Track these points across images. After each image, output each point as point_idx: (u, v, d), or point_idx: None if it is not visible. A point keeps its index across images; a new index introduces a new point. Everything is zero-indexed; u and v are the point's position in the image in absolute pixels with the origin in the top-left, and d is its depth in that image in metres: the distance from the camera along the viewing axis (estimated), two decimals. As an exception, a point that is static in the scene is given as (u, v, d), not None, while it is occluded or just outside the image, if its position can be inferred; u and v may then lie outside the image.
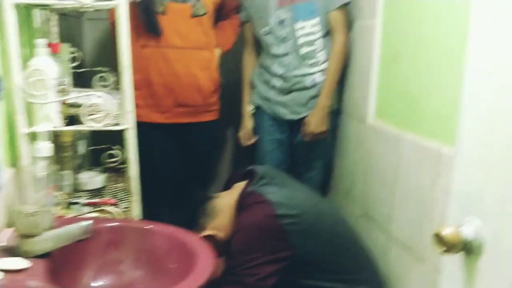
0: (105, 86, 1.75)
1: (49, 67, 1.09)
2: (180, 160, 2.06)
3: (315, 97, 2.00)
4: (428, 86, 1.43)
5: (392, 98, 1.70)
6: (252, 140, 2.15)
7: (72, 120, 1.30)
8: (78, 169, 1.65)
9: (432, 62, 1.42)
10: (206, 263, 0.94)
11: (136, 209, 1.20)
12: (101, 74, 1.73)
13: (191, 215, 1.64)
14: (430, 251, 1.39)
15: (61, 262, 0.98)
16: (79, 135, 1.69)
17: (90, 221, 0.92)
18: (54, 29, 1.66)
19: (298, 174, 2.08)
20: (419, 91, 1.49)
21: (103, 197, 1.48)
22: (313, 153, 2.09)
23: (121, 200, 1.45)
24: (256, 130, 2.14)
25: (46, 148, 1.01)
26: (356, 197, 1.99)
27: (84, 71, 1.73)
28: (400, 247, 1.59)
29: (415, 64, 1.52)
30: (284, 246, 1.43)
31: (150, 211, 2.08)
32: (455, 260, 0.97)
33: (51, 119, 1.10)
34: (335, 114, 2.09)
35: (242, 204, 1.53)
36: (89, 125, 1.13)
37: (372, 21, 1.80)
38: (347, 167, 2.08)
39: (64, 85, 1.23)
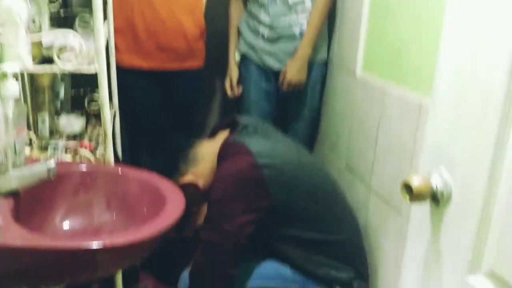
0: (86, 28, 1.71)
1: (19, 6, 1.05)
2: (164, 109, 2.04)
3: None
4: (412, 39, 1.41)
5: (379, 51, 1.67)
6: (237, 90, 2.12)
7: (47, 62, 1.27)
8: (58, 112, 1.64)
9: (416, 15, 1.39)
10: (174, 207, 0.94)
11: (110, 154, 1.19)
12: (82, 16, 1.69)
13: (172, 162, 1.64)
14: (407, 204, 1.40)
15: (30, 204, 0.98)
16: (58, 78, 1.66)
17: (54, 163, 0.91)
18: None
19: (285, 126, 2.06)
20: (404, 44, 1.47)
21: (82, 141, 1.47)
22: (300, 105, 2.07)
23: (99, 145, 1.43)
24: (242, 80, 2.10)
25: (14, 88, 0.98)
26: (341, 150, 1.98)
27: (65, 13, 1.68)
28: (379, 200, 1.60)
29: (401, 17, 1.50)
30: (264, 196, 1.43)
31: (133, 157, 2.10)
32: (423, 210, 0.98)
33: (20, 59, 1.07)
34: (324, 65, 2.06)
35: (224, 154, 1.52)
36: (60, 66, 1.10)
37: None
38: (334, 120, 2.07)
39: (37, 25, 1.19)
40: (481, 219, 0.82)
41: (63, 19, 1.77)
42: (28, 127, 1.48)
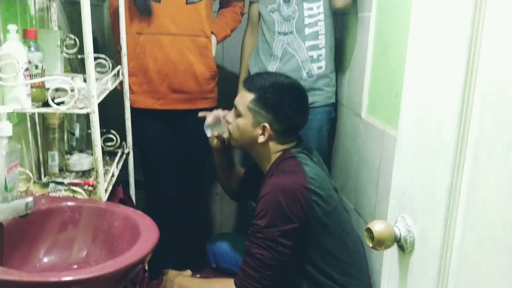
0: (102, 72, 1.81)
1: (18, 52, 1.14)
2: (177, 148, 2.09)
3: (308, 90, 1.97)
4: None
5: (380, 93, 1.69)
6: None
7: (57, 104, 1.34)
8: (70, 150, 1.72)
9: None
10: (142, 246, 0.97)
11: (101, 190, 1.24)
12: (98, 61, 1.80)
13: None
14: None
15: (15, 240, 1.03)
16: (74, 119, 1.76)
17: (31, 198, 0.97)
18: (54, 16, 1.73)
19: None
20: (400, 88, 1.47)
21: (89, 178, 1.54)
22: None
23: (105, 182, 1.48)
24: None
25: (7, 128, 1.06)
26: (350, 191, 1.97)
27: (81, 57, 1.79)
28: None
29: (396, 62, 1.51)
30: (306, 220, 1.45)
31: (148, 194, 2.16)
32: (392, 256, 0.97)
33: (19, 101, 1.16)
34: (331, 108, 2.07)
35: (281, 162, 1.55)
36: (54, 108, 1.18)
37: (368, 14, 1.78)
38: (344, 161, 2.07)
39: (40, 69, 1.28)
40: (440, 271, 0.81)
41: (80, 63, 1.90)
42: (38, 165, 1.57)
